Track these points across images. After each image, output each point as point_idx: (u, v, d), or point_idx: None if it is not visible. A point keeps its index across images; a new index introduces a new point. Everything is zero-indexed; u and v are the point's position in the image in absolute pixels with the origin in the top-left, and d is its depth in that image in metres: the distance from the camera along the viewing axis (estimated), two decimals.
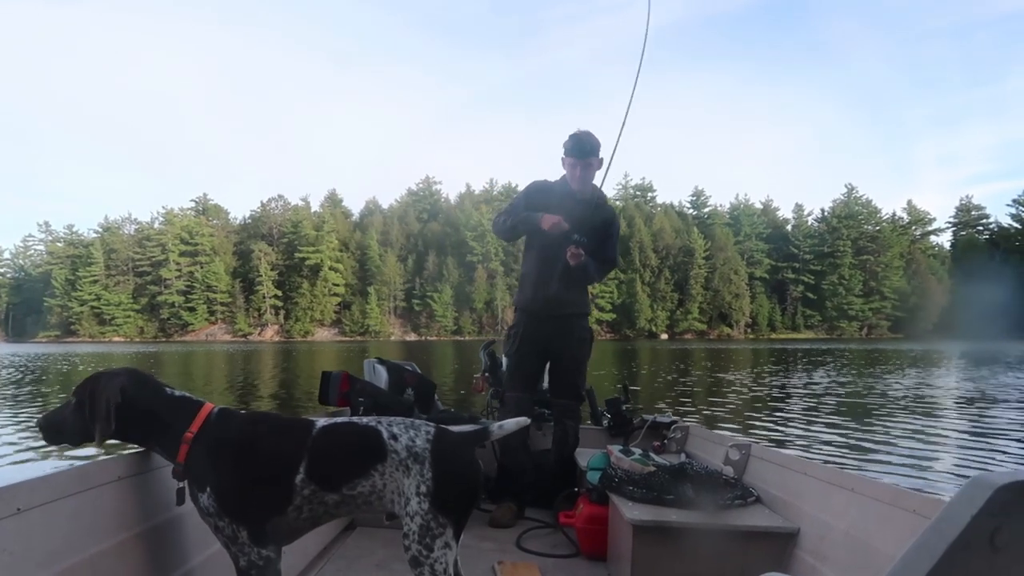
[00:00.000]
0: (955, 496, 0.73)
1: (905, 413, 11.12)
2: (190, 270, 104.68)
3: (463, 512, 1.83)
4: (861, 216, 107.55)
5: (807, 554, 2.34)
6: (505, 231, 3.76)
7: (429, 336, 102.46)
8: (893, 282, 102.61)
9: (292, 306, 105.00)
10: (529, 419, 2.21)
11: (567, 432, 3.78)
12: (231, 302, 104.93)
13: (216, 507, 1.76)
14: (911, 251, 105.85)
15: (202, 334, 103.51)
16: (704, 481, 2.83)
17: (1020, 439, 8.60)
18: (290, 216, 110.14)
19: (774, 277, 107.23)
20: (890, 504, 1.99)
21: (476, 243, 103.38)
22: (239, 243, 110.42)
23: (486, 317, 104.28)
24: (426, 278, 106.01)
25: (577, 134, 3.63)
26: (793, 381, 17.85)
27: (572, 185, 3.70)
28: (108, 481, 1.82)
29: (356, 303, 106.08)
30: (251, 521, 1.77)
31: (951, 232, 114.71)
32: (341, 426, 1.90)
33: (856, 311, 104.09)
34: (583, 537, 3.11)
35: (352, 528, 3.37)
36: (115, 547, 1.77)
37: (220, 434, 1.82)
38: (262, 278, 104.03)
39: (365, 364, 4.15)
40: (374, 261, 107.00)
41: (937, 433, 9.20)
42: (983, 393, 14.42)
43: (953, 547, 0.69)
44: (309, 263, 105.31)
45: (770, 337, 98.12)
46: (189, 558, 2.05)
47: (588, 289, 3.93)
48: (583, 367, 3.86)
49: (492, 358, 4.65)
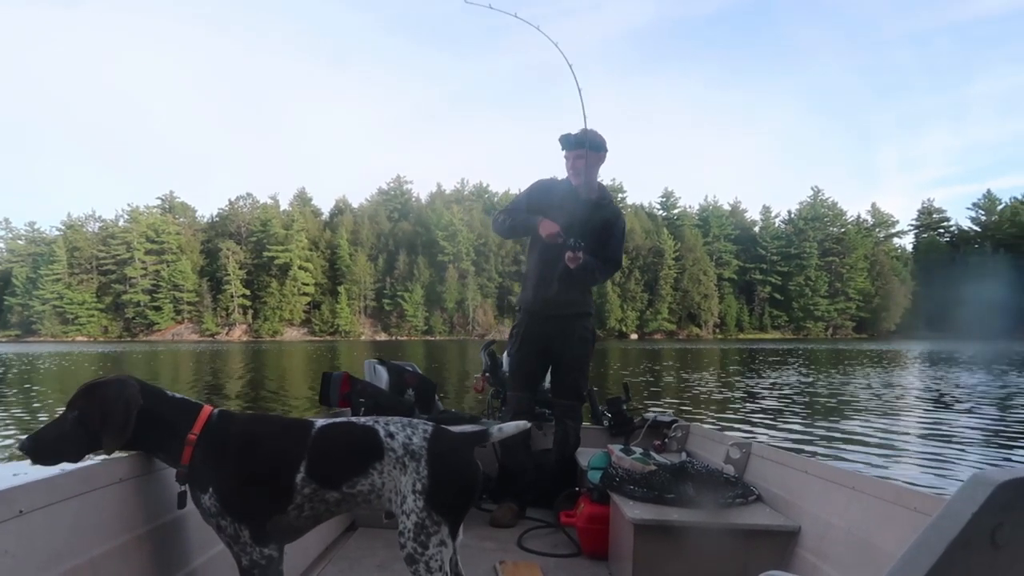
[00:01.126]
0: (956, 494, 0.73)
1: (877, 412, 11.37)
2: (156, 269, 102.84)
3: (459, 510, 1.85)
4: (827, 218, 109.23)
5: (808, 552, 2.35)
6: (504, 230, 3.76)
7: (400, 336, 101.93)
8: (857, 283, 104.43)
9: (261, 305, 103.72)
10: (529, 423, 2.23)
11: (568, 432, 3.77)
12: (198, 301, 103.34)
13: (218, 507, 1.77)
14: (875, 253, 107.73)
15: (168, 334, 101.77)
16: (705, 480, 2.84)
17: (1012, 436, 8.77)
18: (259, 215, 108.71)
19: (742, 278, 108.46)
20: (891, 502, 1.99)
21: (447, 243, 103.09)
22: (206, 242, 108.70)
23: (457, 317, 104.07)
24: (397, 278, 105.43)
25: (583, 130, 3.62)
26: (768, 380, 18.12)
27: (572, 180, 3.70)
28: (110, 483, 1.82)
29: (326, 303, 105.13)
30: (253, 520, 1.79)
31: (913, 234, 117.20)
32: (340, 426, 1.92)
33: (822, 312, 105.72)
34: (584, 536, 3.12)
35: (354, 529, 3.36)
36: (117, 549, 1.77)
37: (221, 435, 1.83)
38: (230, 277, 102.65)
39: (365, 365, 4.16)
40: (344, 260, 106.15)
41: (921, 432, 9.42)
42: (967, 393, 14.74)
43: (954, 545, 0.69)
44: (278, 262, 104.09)
45: (738, 337, 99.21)
46: (191, 560, 2.05)
47: (591, 289, 3.92)
48: (584, 368, 3.85)
49: (492, 358, 4.68)
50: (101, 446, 1.78)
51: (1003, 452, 7.78)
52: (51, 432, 1.78)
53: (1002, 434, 9.04)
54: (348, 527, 3.36)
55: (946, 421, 10.27)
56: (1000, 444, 8.30)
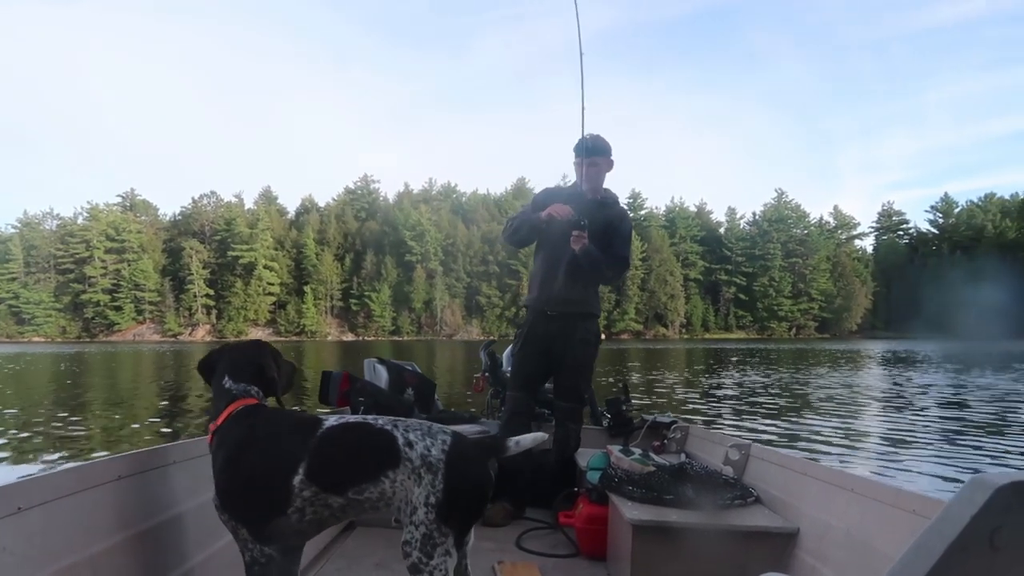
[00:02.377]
0: (955, 496, 0.73)
1: (845, 411, 11.55)
2: (116, 268, 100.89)
3: (468, 522, 1.82)
4: (790, 220, 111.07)
5: (807, 554, 2.35)
6: (510, 234, 3.77)
7: (367, 336, 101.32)
8: (820, 284, 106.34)
9: (225, 305, 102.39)
10: (546, 435, 2.17)
11: (569, 434, 3.75)
12: (160, 301, 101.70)
13: (218, 502, 1.77)
14: (837, 254, 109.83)
15: (129, 334, 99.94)
16: (704, 481, 2.83)
17: (1002, 438, 8.82)
18: (223, 213, 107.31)
19: (708, 278, 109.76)
20: (890, 504, 1.98)
21: (415, 242, 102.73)
22: (169, 240, 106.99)
23: (425, 317, 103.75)
24: (364, 277, 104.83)
25: (584, 136, 3.69)
26: (737, 379, 18.32)
27: (582, 185, 3.74)
28: (108, 480, 1.81)
29: (292, 302, 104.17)
30: (249, 521, 1.76)
31: (874, 236, 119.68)
32: (353, 427, 1.84)
33: (785, 312, 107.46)
34: (583, 537, 3.11)
35: (352, 528, 3.35)
36: (116, 546, 1.77)
37: (232, 431, 1.81)
38: (193, 276, 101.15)
39: (365, 364, 4.13)
40: (310, 260, 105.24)
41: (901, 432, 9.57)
42: (937, 392, 15.04)
43: (952, 547, 0.69)
44: (243, 261, 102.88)
45: (704, 337, 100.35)
46: (189, 557, 2.04)
47: (598, 290, 3.90)
48: (586, 370, 3.83)
49: (492, 358, 4.66)
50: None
51: (967, 450, 7.93)
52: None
53: (961, 436, 9.21)
54: (347, 526, 3.35)
55: (914, 421, 10.48)
56: (966, 444, 8.46)
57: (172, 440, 7.40)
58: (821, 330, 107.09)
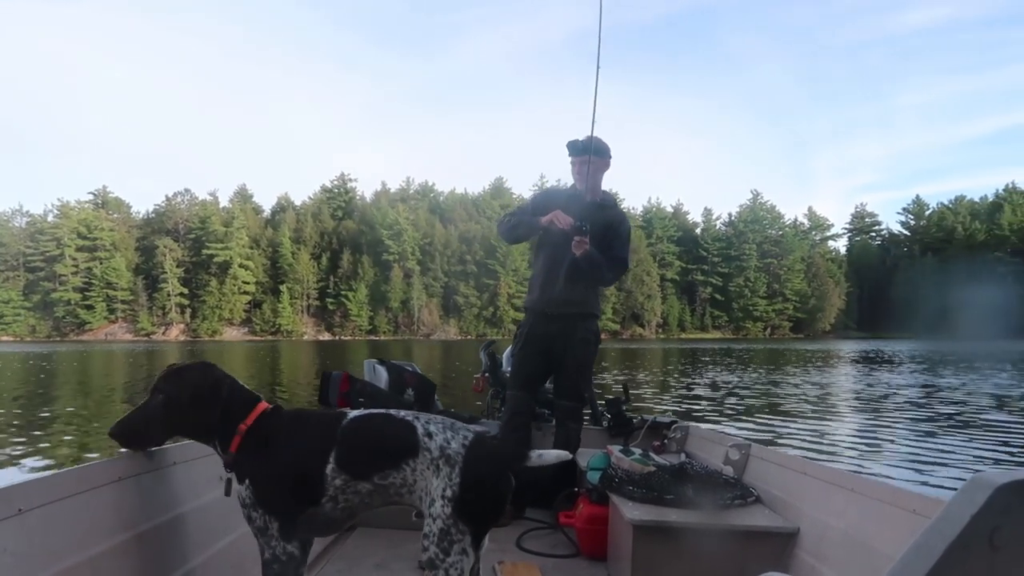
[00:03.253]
0: (955, 496, 0.73)
1: (821, 411, 11.68)
2: (88, 266, 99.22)
3: (485, 523, 1.84)
4: (765, 221, 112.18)
5: (807, 554, 2.35)
6: (506, 230, 3.79)
7: (343, 335, 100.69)
8: (794, 284, 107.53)
9: (199, 304, 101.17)
10: (570, 455, 2.23)
11: (570, 434, 3.75)
12: (133, 300, 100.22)
13: (252, 499, 1.81)
14: (811, 255, 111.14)
15: (101, 333, 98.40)
16: (704, 481, 2.83)
17: (994, 437, 8.94)
18: (197, 211, 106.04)
19: (684, 279, 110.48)
20: (890, 504, 1.99)
21: (392, 241, 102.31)
22: (142, 239, 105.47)
23: (402, 316, 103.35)
24: (341, 276, 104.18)
25: (584, 136, 3.70)
26: (713, 378, 18.46)
27: (578, 184, 3.76)
28: (109, 482, 1.82)
29: (267, 302, 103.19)
30: (285, 514, 1.82)
31: (847, 238, 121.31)
32: (376, 417, 1.95)
33: (760, 312, 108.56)
34: (583, 537, 3.11)
35: (353, 528, 3.34)
36: (116, 547, 1.77)
37: (265, 430, 1.87)
38: (167, 275, 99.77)
39: (365, 364, 4.13)
40: (286, 259, 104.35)
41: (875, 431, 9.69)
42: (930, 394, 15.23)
43: (952, 547, 0.69)
44: (217, 260, 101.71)
45: (680, 337, 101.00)
46: (190, 558, 2.05)
47: (598, 291, 3.92)
48: (586, 369, 3.83)
49: (492, 358, 4.67)
50: (185, 430, 1.88)
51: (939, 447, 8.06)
52: (139, 417, 1.87)
53: (936, 436, 9.35)
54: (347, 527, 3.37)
55: (892, 420, 10.65)
56: (948, 443, 8.59)
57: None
58: (795, 330, 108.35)
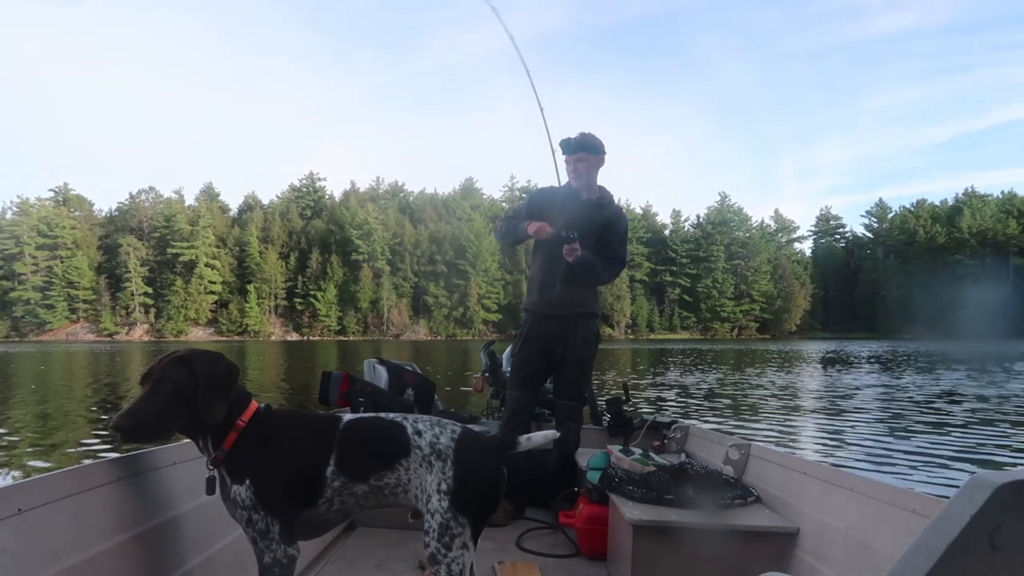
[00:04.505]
0: (955, 496, 0.73)
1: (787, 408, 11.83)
2: (48, 265, 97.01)
3: (483, 514, 1.87)
4: (733, 223, 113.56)
5: (807, 554, 2.35)
6: (500, 236, 3.81)
7: (312, 336, 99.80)
8: (761, 286, 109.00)
9: (164, 304, 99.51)
10: (558, 434, 2.19)
11: (570, 433, 3.74)
12: (95, 299, 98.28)
13: (253, 500, 1.77)
14: (777, 257, 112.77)
15: (62, 333, 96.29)
16: (704, 481, 2.83)
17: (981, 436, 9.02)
18: (162, 209, 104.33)
19: (653, 280, 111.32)
20: (890, 504, 2.00)
21: (361, 241, 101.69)
22: (105, 237, 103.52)
23: (371, 317, 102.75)
24: (309, 276, 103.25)
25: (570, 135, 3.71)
26: (685, 378, 18.62)
27: (572, 183, 3.76)
28: (108, 482, 1.83)
29: (234, 301, 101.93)
30: (285, 515, 1.80)
31: (812, 240, 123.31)
32: (368, 420, 1.97)
33: (728, 313, 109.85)
34: (583, 537, 3.11)
35: (352, 528, 3.34)
36: (115, 547, 1.77)
37: (264, 429, 1.85)
38: (131, 274, 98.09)
39: (365, 364, 4.12)
40: (254, 258, 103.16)
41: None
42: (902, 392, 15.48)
43: (953, 547, 0.69)
44: (183, 259, 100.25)
45: (649, 337, 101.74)
46: (189, 559, 2.05)
47: (598, 290, 3.92)
48: (586, 369, 3.83)
49: (492, 358, 4.66)
50: (190, 419, 1.78)
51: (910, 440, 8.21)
52: (148, 407, 1.72)
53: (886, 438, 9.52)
54: (347, 527, 3.34)
55: (854, 421, 10.81)
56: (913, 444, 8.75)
57: (109, 451, 7.19)
58: (762, 331, 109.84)
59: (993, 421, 10.41)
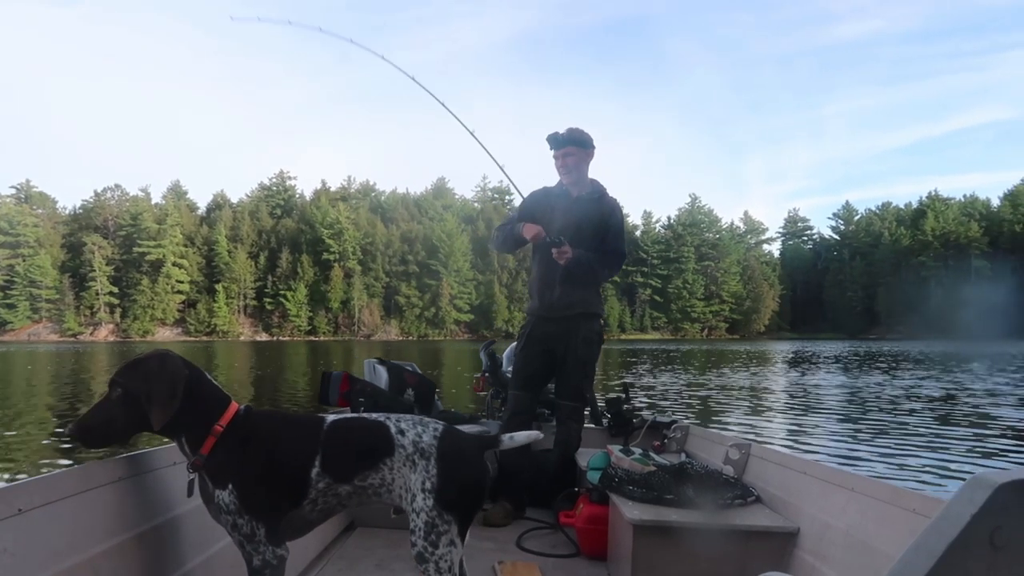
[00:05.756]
0: (955, 495, 0.73)
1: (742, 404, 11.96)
2: (10, 263, 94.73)
3: (468, 511, 1.86)
4: (703, 224, 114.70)
5: (807, 553, 2.35)
6: (498, 244, 3.79)
7: (282, 336, 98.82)
8: (731, 287, 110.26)
9: (130, 304, 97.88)
10: (541, 434, 2.18)
11: (571, 434, 3.74)
12: (59, 299, 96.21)
13: (237, 504, 1.75)
14: (747, 258, 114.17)
15: (23, 334, 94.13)
16: (704, 481, 2.83)
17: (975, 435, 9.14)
18: (128, 207, 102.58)
19: (624, 280, 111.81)
20: (890, 503, 2.00)
21: (333, 241, 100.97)
22: (69, 235, 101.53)
23: (342, 317, 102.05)
24: (279, 276, 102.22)
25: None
26: (658, 379, 18.74)
27: (563, 179, 3.75)
28: (109, 482, 1.82)
29: (202, 301, 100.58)
30: (270, 518, 1.79)
31: (780, 241, 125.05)
32: (351, 420, 1.96)
33: (698, 313, 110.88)
34: (583, 537, 3.11)
35: (352, 528, 3.33)
36: (116, 548, 1.77)
37: (245, 432, 1.83)
38: (96, 273, 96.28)
39: (365, 364, 4.11)
40: (222, 257, 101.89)
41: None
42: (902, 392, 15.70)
43: (953, 546, 0.69)
44: (150, 258, 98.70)
45: (620, 338, 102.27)
46: (189, 559, 2.05)
47: (599, 289, 3.89)
48: (587, 369, 3.81)
49: (492, 358, 4.65)
50: (149, 424, 1.76)
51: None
52: (97, 415, 1.77)
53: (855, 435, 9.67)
54: (347, 527, 3.33)
55: (817, 419, 10.96)
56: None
57: (75, 455, 7.04)
58: (731, 331, 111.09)
59: (974, 422, 10.55)
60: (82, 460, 6.98)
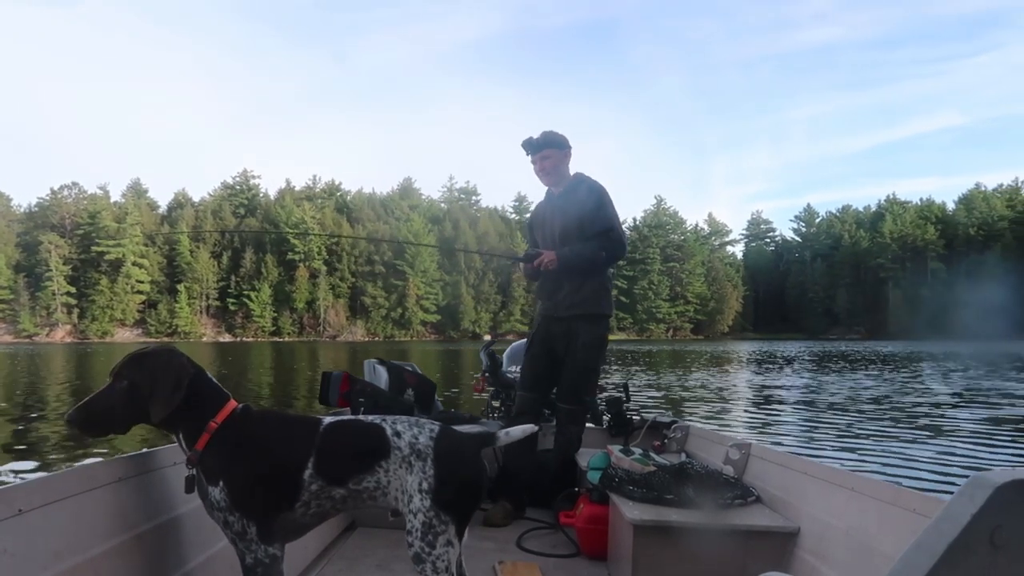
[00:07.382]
0: (955, 495, 0.73)
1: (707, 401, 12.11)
2: None
3: (465, 511, 1.85)
4: (669, 226, 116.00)
5: (807, 553, 2.35)
6: (530, 278, 3.92)
7: (245, 337, 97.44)
8: (695, 288, 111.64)
9: (88, 304, 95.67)
10: (536, 427, 2.18)
11: (568, 438, 3.76)
12: (13, 299, 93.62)
13: (228, 502, 1.76)
14: (711, 259, 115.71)
15: None
16: (704, 480, 2.82)
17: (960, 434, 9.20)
18: (86, 206, 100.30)
19: None
20: (890, 503, 2.00)
21: (297, 240, 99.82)
22: (24, 234, 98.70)
23: (307, 317, 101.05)
24: (243, 276, 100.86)
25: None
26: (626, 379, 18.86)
27: (542, 181, 3.84)
28: (109, 482, 1.82)
29: (163, 301, 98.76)
30: (261, 517, 1.78)
31: (744, 243, 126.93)
32: (347, 423, 1.95)
33: (663, 314, 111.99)
34: (583, 537, 3.11)
35: (353, 528, 3.33)
36: (116, 548, 1.77)
37: (239, 430, 1.83)
38: (52, 273, 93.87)
39: (365, 364, 4.10)
40: (184, 257, 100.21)
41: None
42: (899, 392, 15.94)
43: (953, 546, 0.69)
44: (109, 258, 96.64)
45: None
46: (190, 558, 2.06)
47: (606, 283, 3.83)
48: (588, 371, 3.80)
49: (492, 359, 4.67)
50: (149, 416, 1.78)
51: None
52: (100, 402, 1.78)
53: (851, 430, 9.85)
54: (347, 527, 3.34)
55: (792, 419, 11.14)
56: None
57: (30, 460, 6.88)
58: (696, 331, 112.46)
59: (969, 422, 10.71)
60: (52, 462, 6.84)
